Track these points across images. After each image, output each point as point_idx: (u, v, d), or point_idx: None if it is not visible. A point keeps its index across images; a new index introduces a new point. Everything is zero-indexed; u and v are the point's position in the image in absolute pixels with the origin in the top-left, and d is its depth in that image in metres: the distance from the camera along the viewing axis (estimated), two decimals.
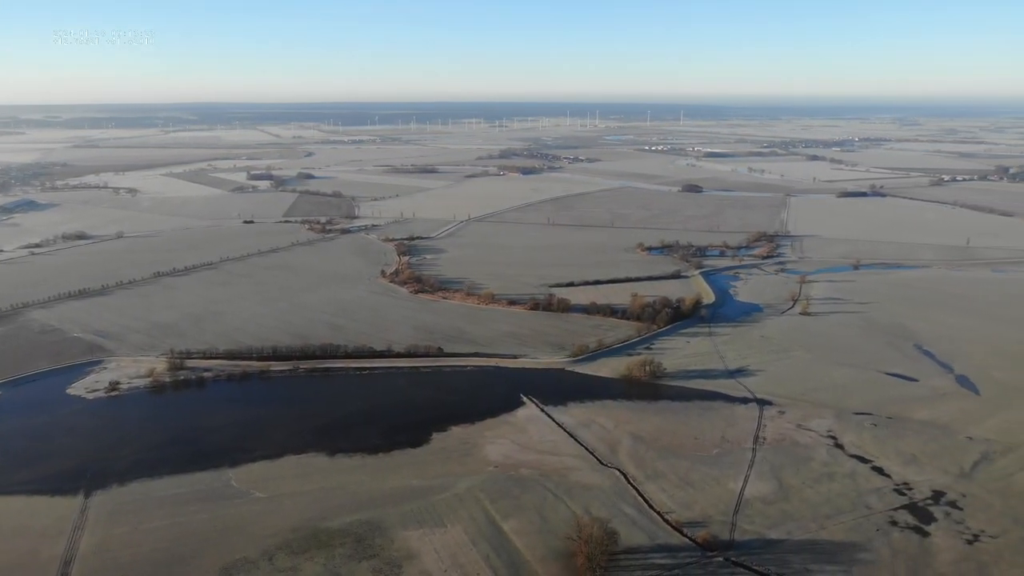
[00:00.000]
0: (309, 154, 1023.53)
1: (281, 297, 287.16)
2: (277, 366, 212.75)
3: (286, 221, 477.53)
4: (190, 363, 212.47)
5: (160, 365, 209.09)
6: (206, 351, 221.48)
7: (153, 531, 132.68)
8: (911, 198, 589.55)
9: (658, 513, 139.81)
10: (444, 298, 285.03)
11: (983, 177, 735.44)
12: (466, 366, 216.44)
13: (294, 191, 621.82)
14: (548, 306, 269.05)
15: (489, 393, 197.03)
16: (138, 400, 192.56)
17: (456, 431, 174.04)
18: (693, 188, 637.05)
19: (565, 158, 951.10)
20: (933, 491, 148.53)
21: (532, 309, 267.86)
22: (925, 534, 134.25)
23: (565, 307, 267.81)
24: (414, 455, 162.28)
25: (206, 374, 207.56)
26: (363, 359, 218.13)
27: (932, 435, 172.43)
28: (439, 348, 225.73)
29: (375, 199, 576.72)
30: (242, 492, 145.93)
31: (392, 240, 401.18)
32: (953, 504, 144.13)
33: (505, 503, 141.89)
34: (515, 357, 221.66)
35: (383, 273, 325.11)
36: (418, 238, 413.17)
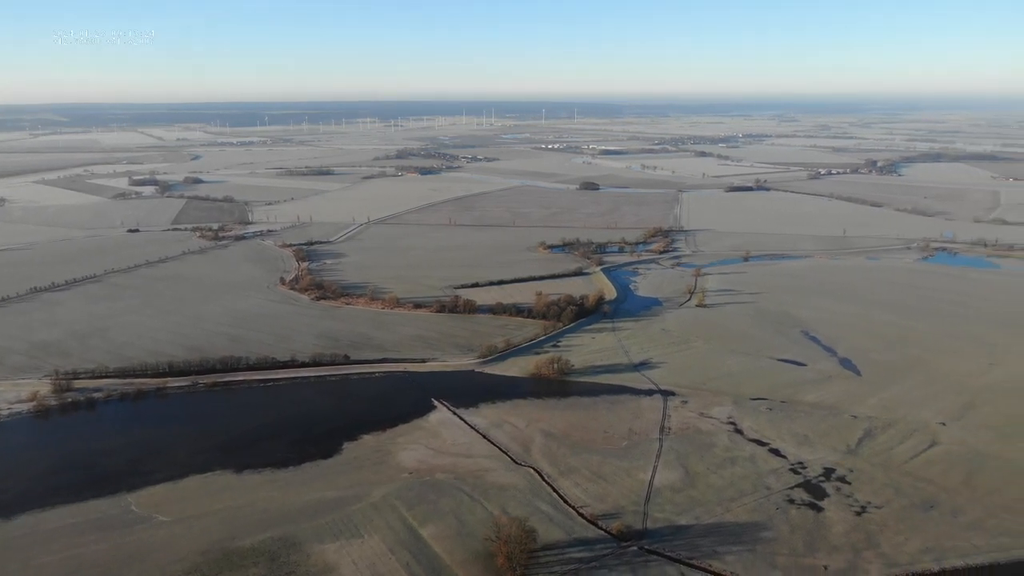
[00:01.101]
0: (196, 157, 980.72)
1: (174, 309, 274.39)
2: (174, 382, 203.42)
3: (175, 229, 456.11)
4: (78, 384, 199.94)
5: (44, 388, 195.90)
6: (95, 370, 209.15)
7: (46, 566, 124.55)
8: (792, 191, 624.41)
9: (573, 508, 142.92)
10: (347, 304, 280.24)
11: (854, 170, 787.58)
12: (374, 372, 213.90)
13: (182, 196, 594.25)
14: (454, 308, 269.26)
15: (399, 399, 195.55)
16: (21, 427, 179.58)
17: (368, 439, 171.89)
18: (590, 186, 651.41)
19: (463, 157, 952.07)
20: (824, 468, 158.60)
21: (438, 311, 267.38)
22: (819, 509, 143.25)
23: (471, 308, 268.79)
24: (326, 466, 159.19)
25: (96, 395, 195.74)
26: (266, 371, 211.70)
27: (821, 416, 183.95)
28: (345, 355, 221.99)
29: (269, 203, 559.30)
30: (144, 517, 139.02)
31: (290, 246, 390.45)
32: (842, 479, 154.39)
33: (422, 509, 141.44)
34: (424, 361, 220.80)
35: (282, 280, 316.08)
36: (317, 243, 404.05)
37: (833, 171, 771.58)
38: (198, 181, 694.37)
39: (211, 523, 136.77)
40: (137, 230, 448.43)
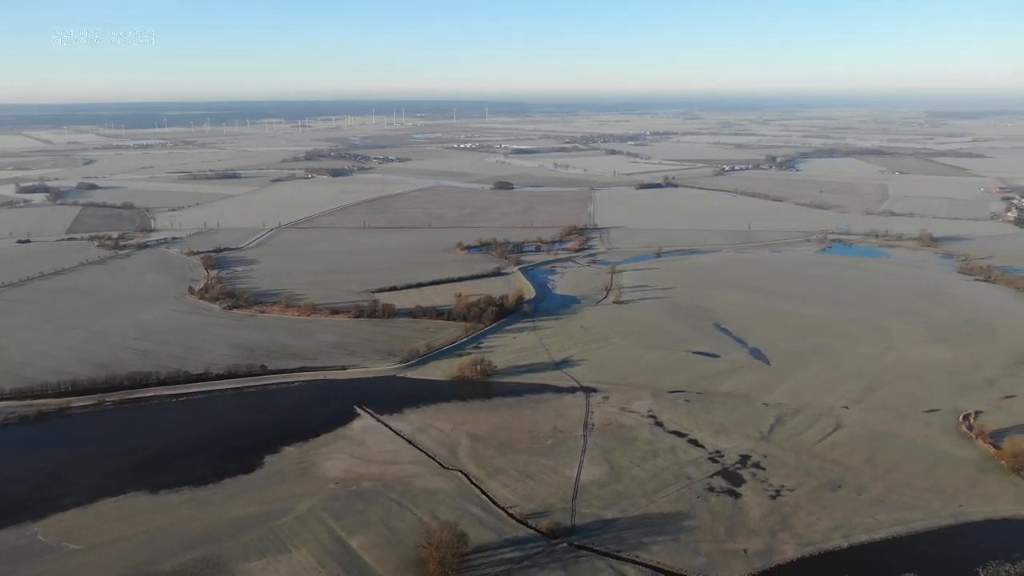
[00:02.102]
0: (90, 161, 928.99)
1: (75, 324, 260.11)
2: (79, 402, 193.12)
3: (70, 238, 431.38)
4: None
5: None
6: None
7: None
8: (699, 187, 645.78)
9: (502, 509, 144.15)
10: (261, 312, 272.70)
11: (756, 166, 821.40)
12: (293, 382, 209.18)
13: (76, 204, 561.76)
14: (373, 313, 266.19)
15: (321, 408, 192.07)
16: None
17: (290, 451, 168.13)
18: (504, 185, 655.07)
19: (375, 158, 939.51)
20: (740, 456, 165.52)
21: (357, 317, 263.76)
22: (737, 495, 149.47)
23: (391, 312, 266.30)
24: (247, 481, 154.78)
25: None
26: (179, 385, 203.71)
27: (735, 405, 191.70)
28: (262, 366, 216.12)
29: (173, 209, 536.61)
30: (52, 546, 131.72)
31: (197, 253, 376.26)
32: (757, 465, 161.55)
33: (350, 519, 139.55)
34: (344, 368, 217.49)
35: (191, 290, 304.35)
36: (226, 249, 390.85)
37: (736, 167, 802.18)
38: (93, 187, 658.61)
39: (127, 548, 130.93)
40: (28, 241, 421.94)
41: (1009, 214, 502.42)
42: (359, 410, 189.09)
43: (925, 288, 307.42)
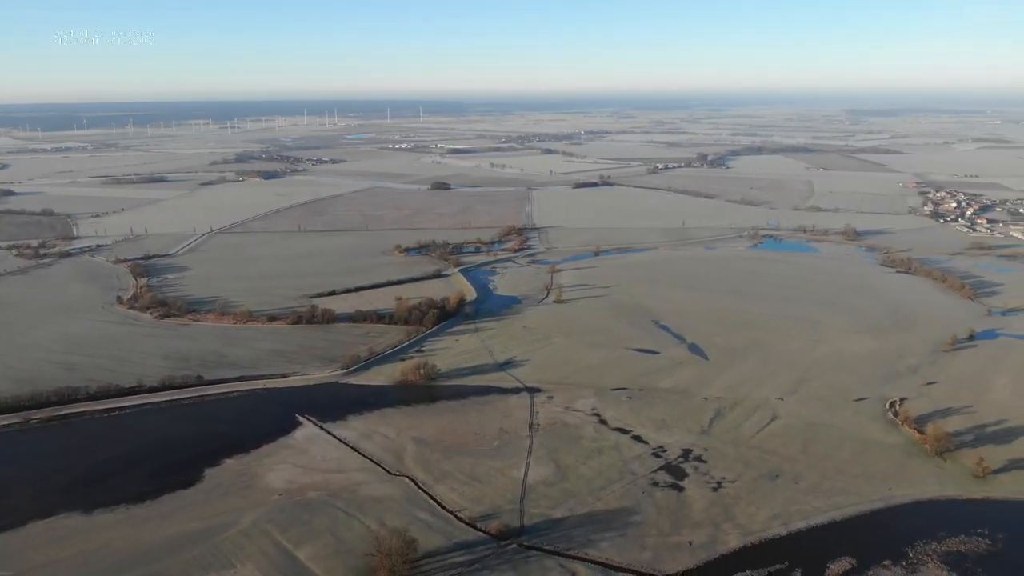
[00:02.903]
0: (3, 166, 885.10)
1: None
2: (2, 420, 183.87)
3: None
4: None
5: None
6: None
7: None
8: (634, 186, 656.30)
9: (451, 513, 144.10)
10: (195, 321, 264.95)
11: (688, 164, 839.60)
12: (232, 392, 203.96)
13: None
14: (312, 318, 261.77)
15: (261, 418, 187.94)
16: None
17: (231, 463, 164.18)
18: (442, 186, 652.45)
19: (308, 160, 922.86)
20: (683, 450, 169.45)
21: (295, 323, 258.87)
22: (681, 489, 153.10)
23: (330, 318, 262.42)
24: (187, 497, 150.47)
25: None
26: (110, 399, 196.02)
27: (676, 400, 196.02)
28: (198, 376, 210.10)
29: (97, 215, 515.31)
30: None
31: (125, 261, 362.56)
32: (699, 459, 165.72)
33: (296, 531, 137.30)
34: (284, 376, 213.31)
35: (119, 299, 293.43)
36: (156, 256, 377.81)
37: (670, 165, 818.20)
38: (9, 193, 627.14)
39: (61, 572, 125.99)
40: None
41: (925, 208, 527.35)
42: (301, 419, 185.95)
43: (851, 281, 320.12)
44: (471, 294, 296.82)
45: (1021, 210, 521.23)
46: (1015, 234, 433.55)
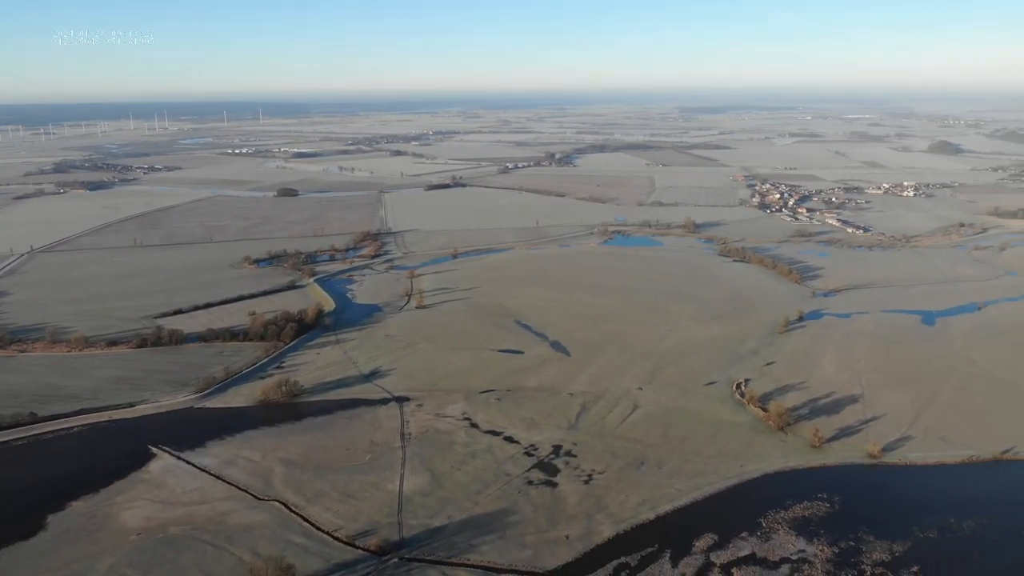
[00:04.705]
0: None
1: None
2: None
3: None
4: None
5: None
6: None
7: None
8: (486, 186, 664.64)
9: (327, 533, 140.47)
10: (22, 352, 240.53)
11: (537, 163, 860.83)
12: (72, 427, 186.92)
13: None
14: (158, 340, 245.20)
15: (109, 452, 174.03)
16: None
17: (78, 506, 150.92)
18: (289, 192, 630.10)
19: (139, 168, 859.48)
20: (553, 446, 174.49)
21: (139, 347, 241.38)
22: (554, 485, 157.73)
23: (179, 338, 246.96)
24: (30, 548, 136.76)
25: None
26: None
27: (543, 398, 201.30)
28: (31, 413, 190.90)
29: None
30: None
31: None
32: (569, 453, 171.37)
33: (160, 571, 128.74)
34: (132, 405, 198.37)
35: None
36: None
37: (520, 164, 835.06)
38: None
39: None
40: None
41: (753, 200, 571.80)
42: (155, 449, 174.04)
43: (694, 271, 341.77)
44: (329, 305, 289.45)
45: (834, 199, 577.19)
46: (830, 221, 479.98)
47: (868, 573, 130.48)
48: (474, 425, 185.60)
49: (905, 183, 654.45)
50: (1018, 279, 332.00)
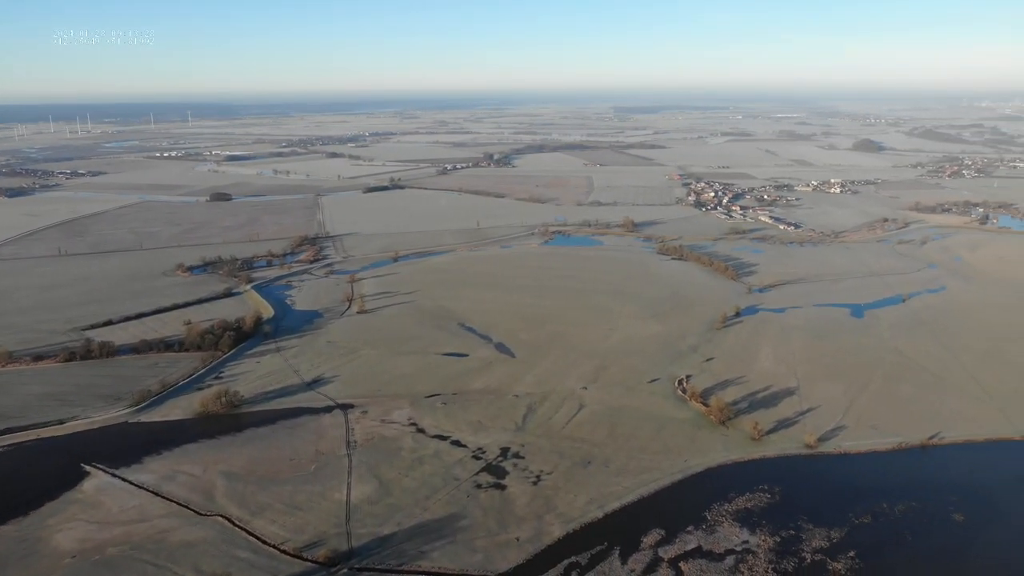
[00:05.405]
0: None
1: None
2: None
3: None
4: None
5: None
6: None
7: None
8: (425, 188, 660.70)
9: (273, 547, 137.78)
10: None
11: (476, 164, 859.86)
12: None
13: None
14: (88, 354, 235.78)
15: (38, 472, 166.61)
16: None
17: (6, 530, 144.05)
18: (222, 196, 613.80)
19: (60, 173, 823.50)
20: (501, 449, 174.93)
21: (68, 361, 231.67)
22: (503, 488, 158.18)
23: (110, 351, 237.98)
24: None
25: None
26: None
27: (489, 401, 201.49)
28: None
29: None
30: None
31: None
32: (517, 455, 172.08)
33: None
34: (62, 422, 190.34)
35: None
36: None
37: (458, 166, 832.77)
38: None
39: None
40: None
41: (689, 198, 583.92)
42: (88, 468, 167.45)
43: (634, 270, 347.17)
44: (268, 312, 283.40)
45: (766, 196, 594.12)
46: (763, 218, 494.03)
47: (808, 560, 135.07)
48: (421, 430, 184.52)
49: (832, 180, 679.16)
50: (938, 271, 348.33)
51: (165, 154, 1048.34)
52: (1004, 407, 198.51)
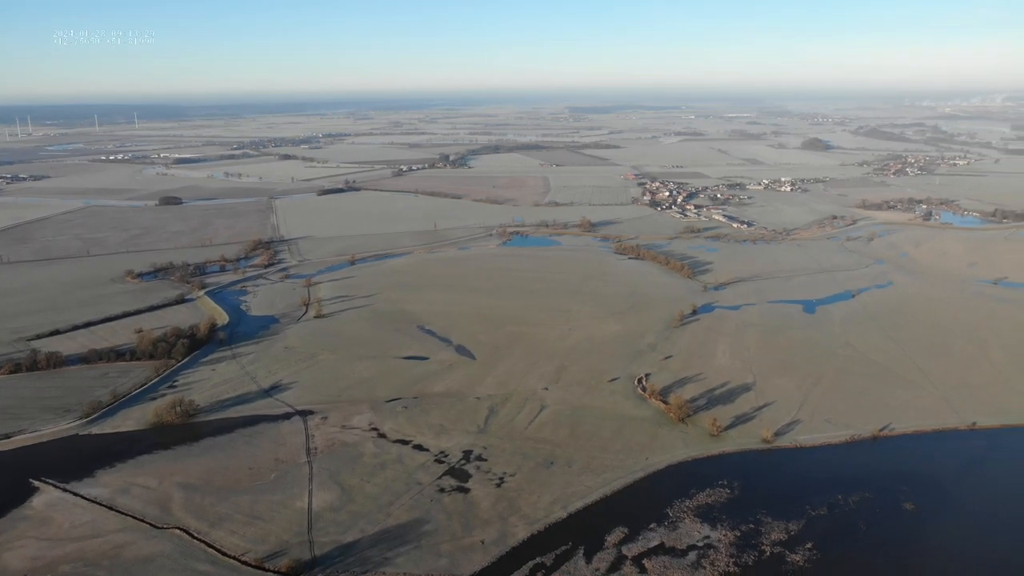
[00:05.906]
0: None
1: None
2: None
3: None
4: None
5: None
6: None
7: None
8: (381, 189, 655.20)
9: (234, 558, 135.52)
10: None
11: (432, 165, 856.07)
12: None
13: None
14: (34, 364, 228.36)
15: None
16: None
17: None
18: (172, 200, 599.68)
19: (0, 178, 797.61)
20: (463, 452, 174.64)
21: (12, 373, 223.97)
22: (467, 491, 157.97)
23: (57, 362, 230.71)
24: None
25: None
26: None
27: (451, 404, 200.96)
28: None
29: None
30: None
31: None
32: (480, 458, 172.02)
33: None
34: (8, 436, 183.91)
35: None
36: None
37: (414, 167, 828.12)
38: None
39: None
40: None
41: (645, 198, 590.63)
42: (37, 483, 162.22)
43: (592, 270, 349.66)
44: (223, 318, 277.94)
45: (719, 195, 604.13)
46: (716, 217, 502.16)
47: (768, 553, 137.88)
48: (382, 435, 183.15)
49: (783, 179, 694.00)
50: (885, 267, 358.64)
51: (111, 157, 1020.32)
52: (949, 397, 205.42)
